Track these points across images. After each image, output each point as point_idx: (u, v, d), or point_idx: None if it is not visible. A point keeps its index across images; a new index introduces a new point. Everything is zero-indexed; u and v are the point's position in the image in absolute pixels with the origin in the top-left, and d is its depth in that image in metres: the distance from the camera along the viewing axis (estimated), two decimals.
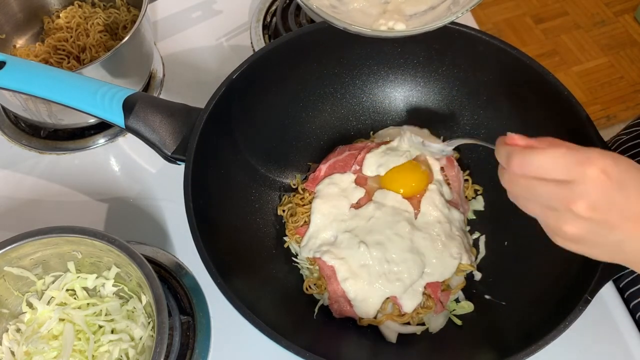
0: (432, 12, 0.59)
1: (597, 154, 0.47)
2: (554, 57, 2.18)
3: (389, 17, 0.58)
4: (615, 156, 0.47)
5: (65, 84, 0.67)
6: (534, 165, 0.48)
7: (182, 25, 1.03)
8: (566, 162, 0.47)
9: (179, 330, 0.71)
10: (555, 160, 0.47)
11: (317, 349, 0.55)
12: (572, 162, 0.47)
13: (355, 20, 0.58)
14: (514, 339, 0.60)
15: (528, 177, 0.49)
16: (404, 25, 0.57)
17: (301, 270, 0.74)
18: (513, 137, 0.51)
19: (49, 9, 0.96)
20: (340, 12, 0.58)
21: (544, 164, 0.47)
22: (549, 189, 0.48)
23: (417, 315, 0.69)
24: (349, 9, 0.59)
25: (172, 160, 0.68)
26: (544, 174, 0.48)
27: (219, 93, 0.68)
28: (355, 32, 0.55)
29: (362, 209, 0.72)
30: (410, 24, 0.57)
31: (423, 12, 0.59)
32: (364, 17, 0.59)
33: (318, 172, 0.76)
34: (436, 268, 0.69)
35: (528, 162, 0.48)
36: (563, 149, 0.47)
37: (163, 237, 0.80)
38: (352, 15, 0.59)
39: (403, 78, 0.80)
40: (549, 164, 0.47)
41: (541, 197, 0.49)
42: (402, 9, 0.59)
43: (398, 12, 0.59)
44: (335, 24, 0.55)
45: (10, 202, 0.84)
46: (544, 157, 0.48)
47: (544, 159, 0.48)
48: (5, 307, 0.67)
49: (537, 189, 0.49)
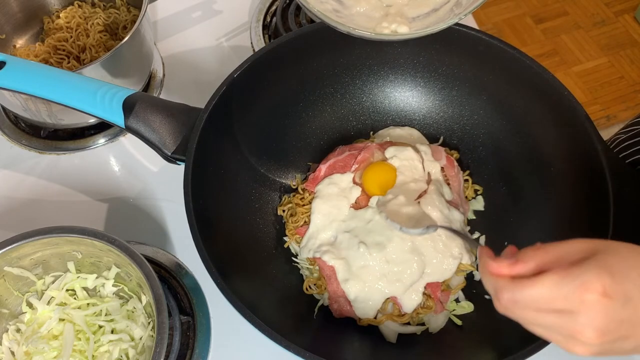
0: (435, 14, 0.59)
1: (592, 276, 0.43)
2: (554, 57, 2.18)
3: (391, 20, 0.58)
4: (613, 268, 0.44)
5: (65, 84, 0.67)
6: (527, 300, 0.45)
7: (182, 25, 1.03)
8: (561, 293, 0.43)
9: (179, 330, 0.71)
10: (550, 293, 0.44)
11: (317, 349, 0.55)
12: (568, 292, 0.43)
13: (358, 24, 0.58)
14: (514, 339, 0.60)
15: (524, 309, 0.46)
16: (407, 28, 0.57)
17: (301, 270, 0.74)
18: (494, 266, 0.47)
19: (49, 9, 0.96)
20: (344, 17, 0.58)
21: (538, 298, 0.44)
22: (550, 320, 0.45)
23: (417, 315, 0.69)
24: (352, 12, 0.59)
25: (172, 160, 0.68)
26: (540, 307, 0.45)
27: (219, 93, 0.68)
28: (358, 36, 0.55)
29: (361, 211, 0.72)
30: (413, 27, 0.57)
31: (426, 15, 0.59)
32: (367, 21, 0.58)
33: (318, 172, 0.76)
34: (436, 268, 0.69)
35: (520, 298, 0.45)
36: (555, 277, 0.44)
37: (163, 237, 0.80)
38: (355, 19, 0.59)
39: (403, 78, 0.80)
40: (543, 298, 0.44)
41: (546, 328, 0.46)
42: (404, 12, 0.59)
43: (400, 15, 0.58)
44: (339, 29, 0.55)
45: (10, 202, 0.84)
46: (536, 291, 0.44)
47: (536, 293, 0.44)
48: (5, 307, 0.67)
49: (537, 320, 0.46)
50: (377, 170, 0.73)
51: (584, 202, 0.66)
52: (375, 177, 0.73)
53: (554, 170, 0.71)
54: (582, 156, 0.66)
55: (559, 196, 0.70)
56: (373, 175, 0.73)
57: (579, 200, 0.67)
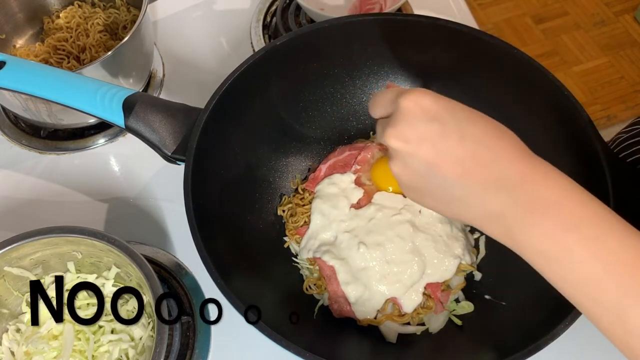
0: None
1: (420, 90, 0.47)
2: (554, 57, 2.18)
3: None
4: (442, 96, 0.47)
5: (65, 84, 0.67)
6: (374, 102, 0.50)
7: (182, 25, 1.03)
8: (392, 96, 0.48)
9: (179, 330, 0.71)
10: (386, 95, 0.48)
11: (317, 349, 0.55)
12: (395, 96, 0.47)
13: None
14: (514, 339, 0.60)
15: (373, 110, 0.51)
16: None
17: (301, 271, 0.74)
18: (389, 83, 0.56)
19: (48, 9, 0.96)
20: None
21: (379, 99, 0.49)
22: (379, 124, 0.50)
23: (417, 315, 0.69)
24: None
25: (172, 160, 0.68)
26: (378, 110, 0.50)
27: (219, 93, 0.68)
28: None
29: (362, 209, 0.72)
30: None
31: None
32: None
33: (318, 172, 0.76)
34: (437, 268, 0.69)
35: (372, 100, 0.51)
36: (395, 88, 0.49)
37: (163, 237, 0.80)
38: None
39: (403, 78, 0.80)
40: (381, 100, 0.49)
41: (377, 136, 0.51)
42: None
43: None
44: None
45: (10, 202, 0.84)
46: (380, 94, 0.50)
47: (379, 95, 0.50)
48: (5, 307, 0.67)
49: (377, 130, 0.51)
50: None
51: None
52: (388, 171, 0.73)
53: None
54: (582, 156, 0.66)
55: None
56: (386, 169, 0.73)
57: None
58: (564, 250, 0.43)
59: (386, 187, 0.73)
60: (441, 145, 0.45)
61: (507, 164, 0.45)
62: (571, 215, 0.44)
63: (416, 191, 0.49)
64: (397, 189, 0.72)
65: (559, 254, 0.44)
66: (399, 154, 0.47)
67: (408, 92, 0.47)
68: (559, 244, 0.44)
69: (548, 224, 0.44)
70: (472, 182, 0.45)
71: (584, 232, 0.43)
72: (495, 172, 0.45)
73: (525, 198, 0.44)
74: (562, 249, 0.44)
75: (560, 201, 0.44)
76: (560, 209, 0.44)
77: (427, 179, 0.46)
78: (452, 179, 0.45)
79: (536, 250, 0.45)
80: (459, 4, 1.06)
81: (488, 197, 0.45)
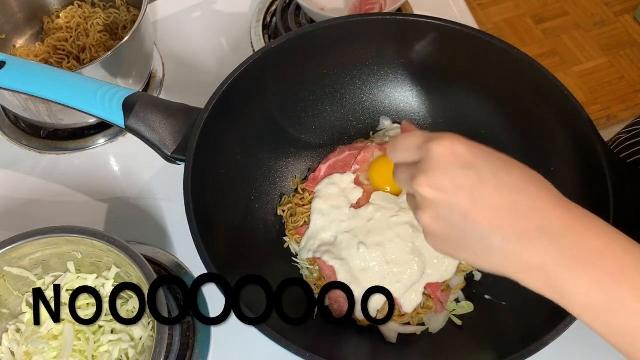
0: None
1: (449, 135, 0.44)
2: (554, 57, 2.18)
3: None
4: (472, 142, 0.44)
5: (65, 84, 0.67)
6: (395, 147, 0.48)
7: (182, 25, 1.03)
8: (417, 141, 0.45)
9: (179, 330, 0.71)
10: (410, 140, 0.46)
11: (317, 349, 0.55)
12: (422, 141, 0.45)
13: None
14: (514, 339, 0.60)
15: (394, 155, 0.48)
16: None
17: (301, 270, 0.74)
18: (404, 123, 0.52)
19: (48, 9, 0.96)
20: None
21: (401, 144, 0.47)
22: (404, 170, 0.47)
23: (417, 315, 0.69)
24: None
25: (172, 160, 0.68)
26: (401, 156, 0.47)
27: (219, 93, 0.68)
28: None
29: (361, 209, 0.72)
30: None
31: None
32: None
33: (318, 172, 0.76)
34: (437, 269, 0.69)
35: (393, 144, 0.48)
36: (422, 132, 0.47)
37: (163, 237, 0.80)
38: None
39: (403, 78, 0.80)
40: (404, 145, 0.47)
41: (400, 182, 0.48)
42: None
43: None
44: None
45: (10, 202, 0.84)
46: (402, 138, 0.47)
47: (401, 140, 0.47)
48: (5, 307, 0.67)
49: (397, 174, 0.48)
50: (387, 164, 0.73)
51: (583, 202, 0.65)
52: (386, 170, 0.73)
53: (553, 170, 0.71)
54: (582, 156, 0.66)
55: None
56: (384, 168, 0.73)
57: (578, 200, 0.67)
58: (614, 301, 0.41)
59: (384, 187, 0.73)
60: (478, 193, 0.42)
61: (546, 213, 0.43)
62: (619, 264, 0.41)
63: (448, 242, 0.46)
64: (395, 190, 0.72)
65: (609, 305, 0.41)
66: (432, 203, 0.44)
67: (438, 137, 0.44)
68: (608, 295, 0.41)
69: (595, 274, 0.41)
70: (511, 232, 0.42)
71: (634, 281, 0.41)
72: (535, 221, 0.43)
73: (568, 247, 0.42)
74: (612, 299, 0.41)
75: (606, 249, 0.42)
76: (607, 258, 0.42)
77: (462, 230, 0.44)
78: (490, 229, 0.43)
79: (582, 301, 0.42)
80: (459, 4, 1.06)
81: (528, 247, 0.43)
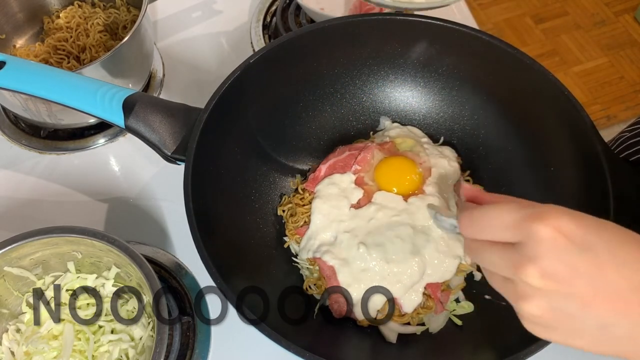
0: None
1: (551, 209, 0.38)
2: (554, 57, 2.18)
3: None
4: (577, 213, 0.39)
5: (65, 84, 0.67)
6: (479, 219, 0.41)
7: (182, 25, 1.03)
8: (513, 218, 0.39)
9: (179, 330, 0.71)
10: (501, 217, 0.39)
11: (317, 349, 0.55)
12: (520, 219, 0.38)
13: None
14: (514, 339, 0.60)
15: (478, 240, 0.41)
16: None
17: (301, 270, 0.74)
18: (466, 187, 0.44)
19: (49, 9, 0.96)
20: None
21: (489, 220, 0.40)
22: (497, 253, 0.40)
23: (417, 315, 0.69)
24: None
25: (172, 160, 0.68)
26: (490, 234, 0.40)
27: (219, 93, 0.68)
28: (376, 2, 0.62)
29: (362, 209, 0.72)
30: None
31: None
32: None
33: (318, 172, 0.76)
34: (437, 269, 0.69)
35: (475, 216, 0.41)
36: (513, 204, 0.40)
37: (163, 237, 0.80)
38: None
39: (403, 78, 0.80)
40: (494, 221, 0.40)
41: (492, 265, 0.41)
42: None
43: None
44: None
45: (10, 202, 0.84)
46: (488, 213, 0.40)
47: (488, 215, 0.40)
48: (5, 307, 0.67)
49: (485, 254, 0.41)
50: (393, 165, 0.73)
51: (583, 202, 0.66)
52: (396, 175, 0.73)
53: (553, 170, 0.71)
54: (582, 156, 0.66)
55: (558, 196, 0.70)
56: (391, 169, 0.73)
57: (578, 200, 0.67)
58: None
59: (390, 188, 0.72)
60: (599, 279, 0.37)
61: None
62: None
63: (559, 332, 0.41)
64: (401, 191, 0.72)
65: None
66: (543, 293, 0.38)
67: (539, 216, 0.38)
68: None
69: None
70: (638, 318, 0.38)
71: None
72: None
73: None
74: None
75: None
76: None
77: (580, 320, 0.39)
78: (614, 317, 0.38)
79: None
80: (459, 4, 1.06)
81: None
